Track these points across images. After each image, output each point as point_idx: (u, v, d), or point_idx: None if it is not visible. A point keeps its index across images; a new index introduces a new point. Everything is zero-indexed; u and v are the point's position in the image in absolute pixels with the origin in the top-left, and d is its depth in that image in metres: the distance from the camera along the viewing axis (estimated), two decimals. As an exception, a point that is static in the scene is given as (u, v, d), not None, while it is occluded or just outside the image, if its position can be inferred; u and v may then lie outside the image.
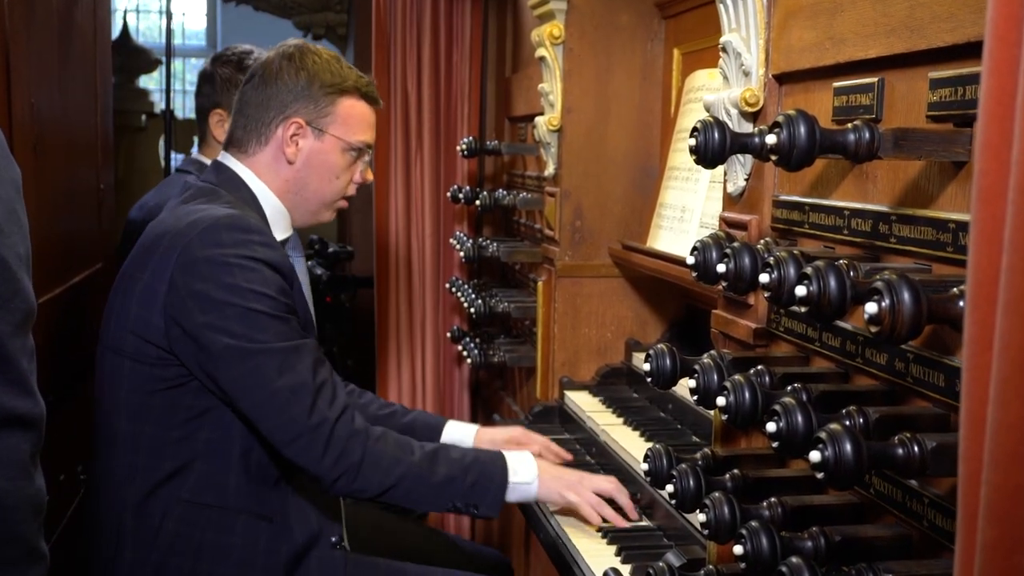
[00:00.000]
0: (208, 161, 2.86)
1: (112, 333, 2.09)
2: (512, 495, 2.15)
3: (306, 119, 2.19)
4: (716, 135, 1.38)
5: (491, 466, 2.14)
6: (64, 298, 2.69)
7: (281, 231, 2.21)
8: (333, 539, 2.16)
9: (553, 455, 2.49)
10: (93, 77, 3.14)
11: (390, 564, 2.25)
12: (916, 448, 1.13)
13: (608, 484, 2.22)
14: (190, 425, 2.03)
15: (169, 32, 5.37)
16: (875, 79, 1.38)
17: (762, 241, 1.59)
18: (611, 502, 2.22)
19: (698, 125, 1.40)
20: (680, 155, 2.66)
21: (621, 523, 2.18)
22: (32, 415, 1.40)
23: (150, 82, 7.70)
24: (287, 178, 2.21)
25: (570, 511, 2.25)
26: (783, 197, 1.63)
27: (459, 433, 2.56)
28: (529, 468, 2.17)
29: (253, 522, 2.07)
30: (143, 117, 6.66)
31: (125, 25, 6.86)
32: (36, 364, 1.46)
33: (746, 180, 1.72)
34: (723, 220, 1.78)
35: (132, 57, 6.54)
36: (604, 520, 2.18)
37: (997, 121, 0.66)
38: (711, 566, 1.55)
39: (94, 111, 3.17)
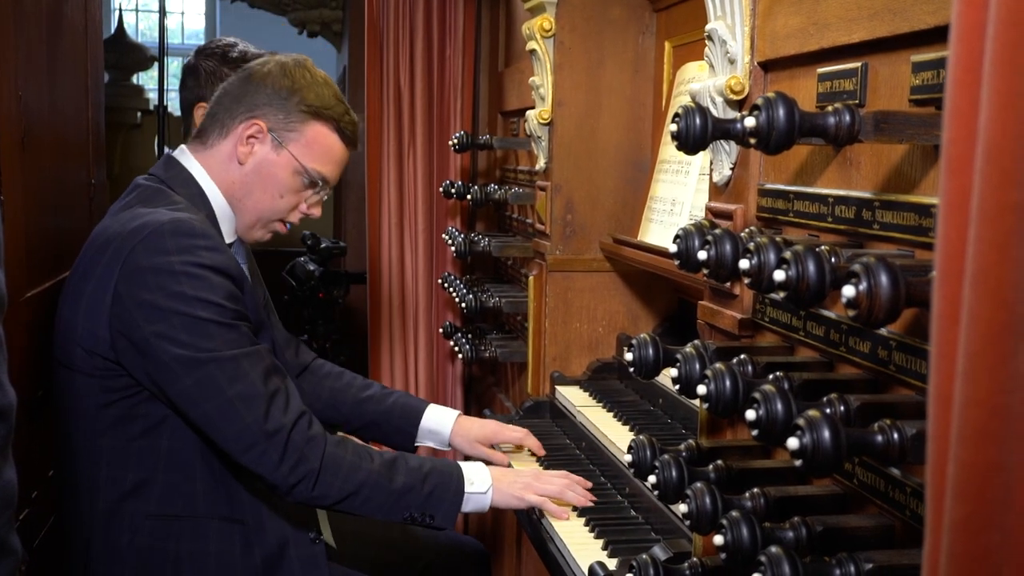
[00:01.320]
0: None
1: (61, 347, 2.05)
2: (467, 505, 2.11)
3: (269, 125, 2.11)
4: (698, 120, 1.36)
5: (448, 476, 2.09)
6: (54, 293, 2.67)
7: (228, 234, 2.16)
8: (311, 535, 2.13)
9: (533, 445, 2.53)
10: (84, 73, 3.13)
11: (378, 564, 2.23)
12: (896, 435, 1.11)
13: (560, 480, 2.20)
14: (149, 435, 2.00)
15: (163, 28, 5.35)
16: (858, 64, 1.37)
17: (746, 229, 1.58)
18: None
19: (679, 111, 1.38)
20: (670, 148, 2.64)
21: (584, 502, 2.17)
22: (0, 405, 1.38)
23: (150, 80, 7.70)
24: (234, 180, 2.13)
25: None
26: (768, 186, 1.62)
27: (439, 419, 2.52)
28: (484, 478, 2.13)
29: (226, 526, 2.03)
30: (138, 114, 6.65)
31: (121, 22, 6.85)
32: (7, 354, 1.44)
33: (731, 169, 1.70)
34: (709, 210, 1.77)
35: (127, 54, 6.53)
36: (574, 508, 2.17)
37: (965, 87, 0.64)
38: (695, 559, 1.53)
39: (85, 107, 3.15)
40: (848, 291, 1.03)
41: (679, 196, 2.55)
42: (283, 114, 2.12)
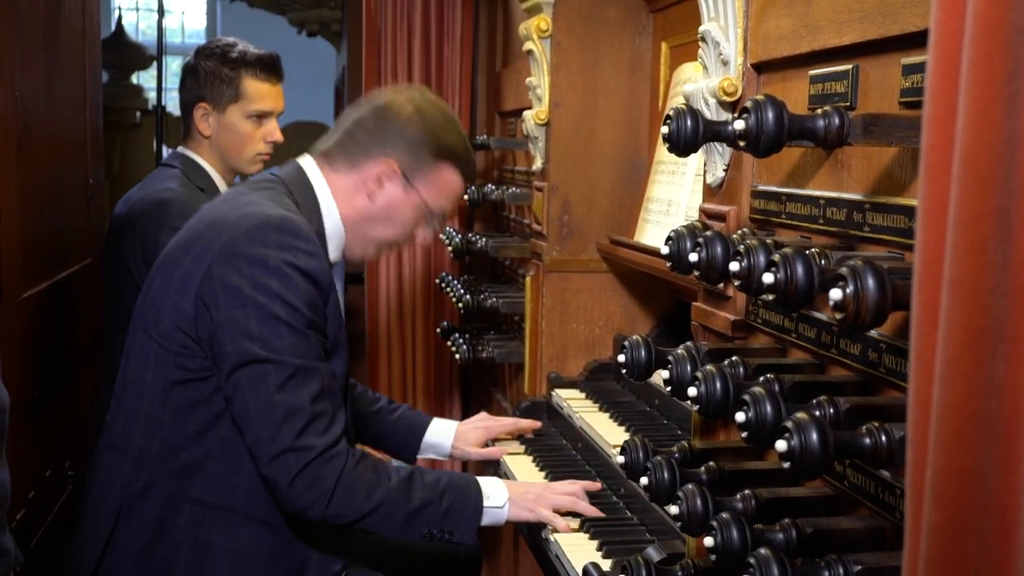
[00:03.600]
0: (193, 155, 2.84)
1: (147, 313, 2.06)
2: (485, 519, 2.11)
3: (402, 168, 2.16)
4: (688, 123, 1.37)
5: (465, 490, 2.09)
6: (51, 293, 2.68)
7: (335, 252, 2.19)
8: (336, 567, 2.12)
9: (525, 428, 2.65)
10: (82, 73, 3.13)
11: None
12: (884, 438, 1.11)
13: (570, 490, 2.20)
14: (210, 422, 2.00)
15: (161, 28, 5.36)
16: (849, 66, 1.37)
17: (739, 231, 1.58)
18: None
19: (671, 113, 1.38)
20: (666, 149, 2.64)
21: (595, 513, 2.17)
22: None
23: (149, 80, 7.71)
24: (358, 208, 2.17)
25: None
26: (761, 187, 1.62)
27: (440, 431, 2.59)
28: (500, 492, 2.13)
29: (259, 529, 2.03)
30: (138, 114, 6.66)
31: (120, 22, 6.86)
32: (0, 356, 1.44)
33: (725, 171, 1.71)
34: (702, 211, 1.77)
35: (126, 54, 6.54)
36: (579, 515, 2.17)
37: (943, 95, 0.64)
38: (687, 560, 1.54)
39: (83, 107, 3.16)
40: (835, 294, 1.03)
41: (675, 197, 2.55)
42: (415, 158, 2.17)
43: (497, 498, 2.12)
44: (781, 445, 1.10)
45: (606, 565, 1.95)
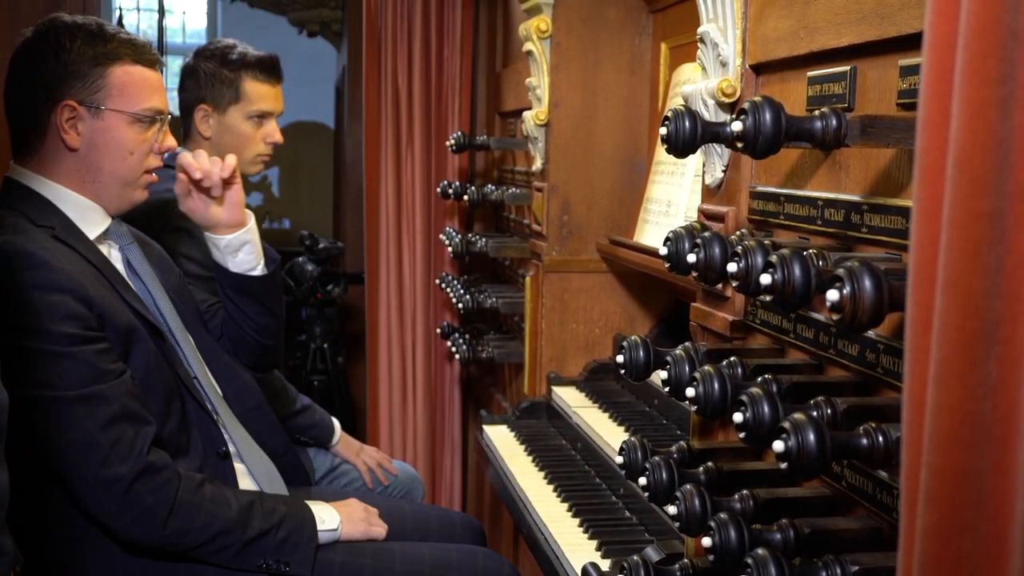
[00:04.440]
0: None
1: None
2: (321, 542, 2.09)
3: (78, 99, 1.98)
4: (687, 124, 1.37)
5: (300, 520, 2.06)
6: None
7: (94, 226, 2.03)
8: (221, 450, 2.13)
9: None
10: (82, 72, 3.13)
11: (377, 544, 2.22)
12: (881, 438, 1.12)
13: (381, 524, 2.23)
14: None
15: (161, 28, 5.36)
16: (847, 68, 1.37)
17: (737, 232, 1.58)
18: None
19: (669, 114, 1.39)
20: (664, 150, 2.64)
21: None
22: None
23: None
24: (76, 168, 2.01)
25: (550, 507, 2.25)
26: (759, 188, 1.62)
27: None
28: (332, 516, 2.13)
29: (218, 463, 2.08)
30: (138, 114, 6.65)
31: (120, 22, 6.86)
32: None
33: (723, 171, 1.71)
34: (701, 212, 1.77)
35: (127, 54, 6.53)
36: None
37: (937, 98, 0.64)
38: (686, 560, 1.54)
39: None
40: (832, 295, 1.03)
41: (675, 197, 2.55)
42: (80, 81, 1.99)
43: (331, 521, 2.12)
44: (779, 446, 1.10)
45: (605, 565, 1.96)
